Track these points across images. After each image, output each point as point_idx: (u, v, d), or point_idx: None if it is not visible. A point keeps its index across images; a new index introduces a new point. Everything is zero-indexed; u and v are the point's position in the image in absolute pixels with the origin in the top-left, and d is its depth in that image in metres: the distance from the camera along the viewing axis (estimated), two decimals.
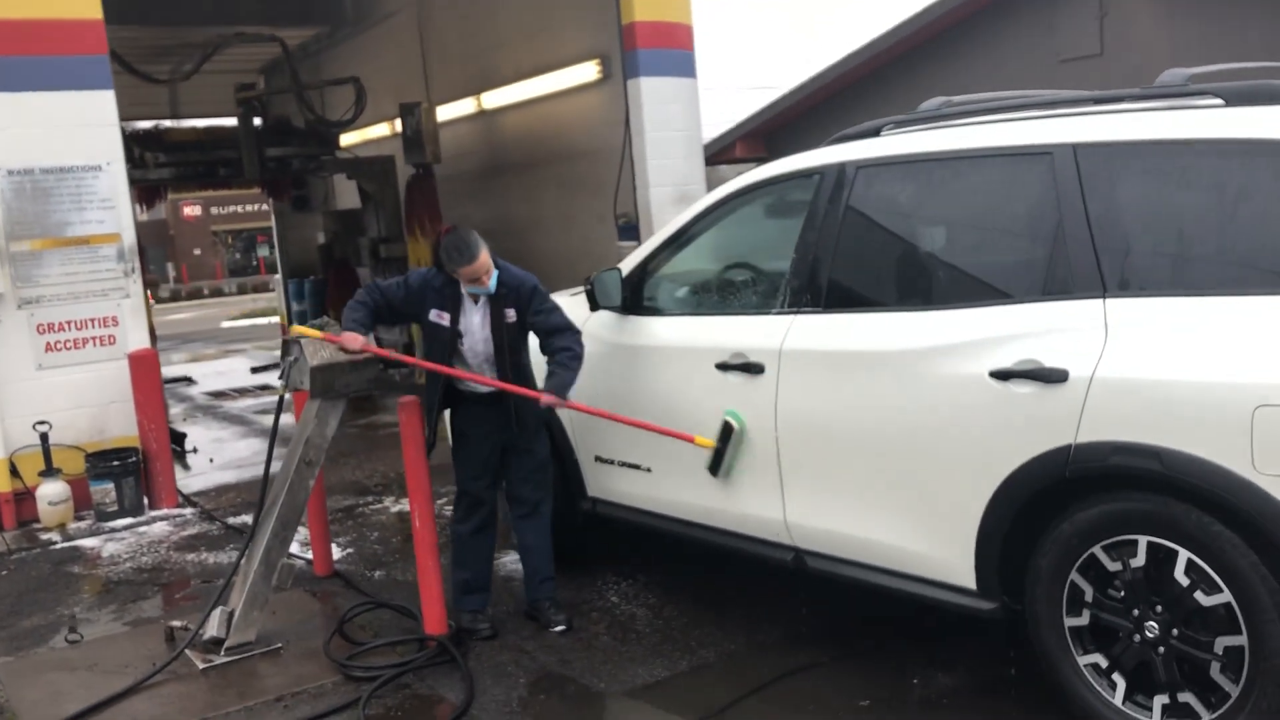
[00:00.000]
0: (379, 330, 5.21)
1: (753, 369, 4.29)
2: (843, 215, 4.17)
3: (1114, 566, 3.36)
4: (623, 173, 9.65)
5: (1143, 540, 3.28)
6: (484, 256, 4.56)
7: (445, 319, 4.66)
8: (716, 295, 4.96)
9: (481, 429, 4.76)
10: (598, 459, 5.12)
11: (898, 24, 14.27)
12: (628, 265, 5.08)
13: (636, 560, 5.60)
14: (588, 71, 10.15)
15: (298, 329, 4.72)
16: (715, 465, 4.45)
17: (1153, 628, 3.28)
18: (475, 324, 4.69)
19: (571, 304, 5.13)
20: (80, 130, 7.14)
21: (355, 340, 4.56)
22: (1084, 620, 3.45)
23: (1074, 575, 3.44)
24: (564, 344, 4.67)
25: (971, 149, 3.81)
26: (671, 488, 4.76)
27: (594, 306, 5.04)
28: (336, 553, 6.08)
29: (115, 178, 7.31)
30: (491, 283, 4.62)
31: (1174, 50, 10.96)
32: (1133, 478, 3.27)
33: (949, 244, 4.03)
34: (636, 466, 4.91)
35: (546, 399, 4.58)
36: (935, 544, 3.78)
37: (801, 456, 4.17)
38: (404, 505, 6.78)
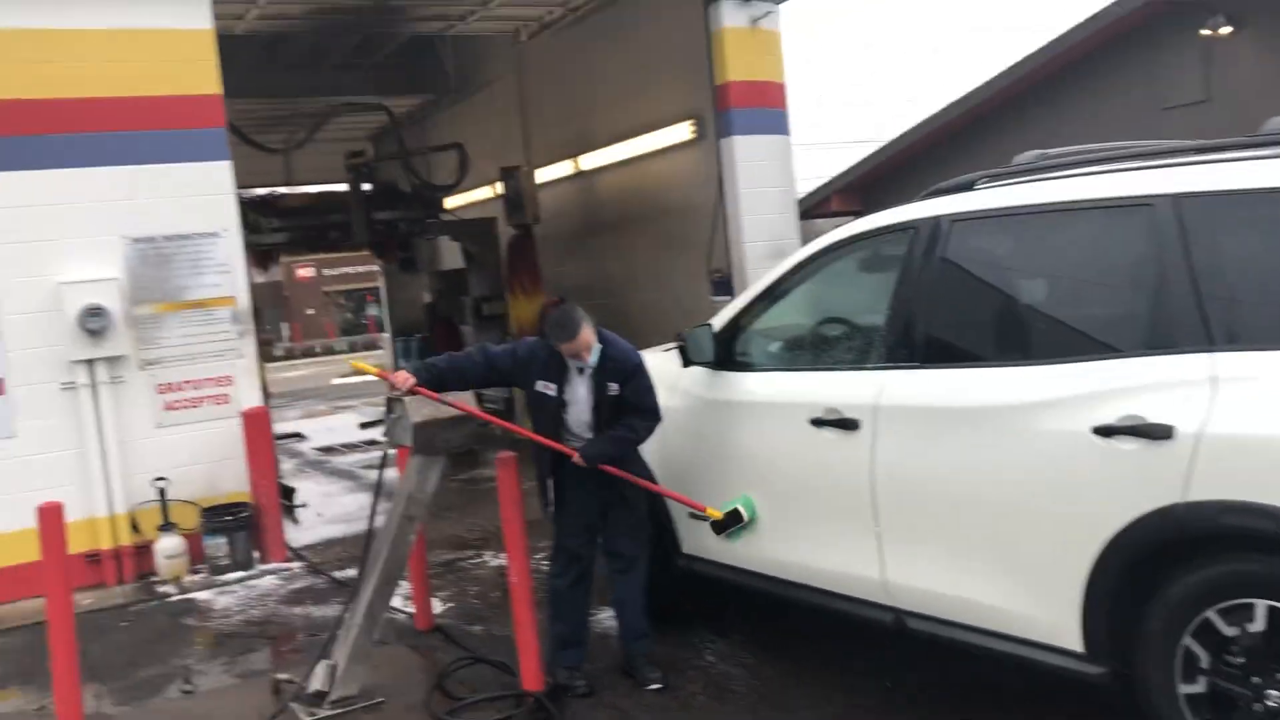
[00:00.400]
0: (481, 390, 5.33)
1: (847, 425, 4.25)
2: (938, 269, 4.14)
3: (1231, 631, 3.22)
4: (716, 229, 9.73)
5: (1261, 605, 3.14)
6: (584, 335, 4.65)
7: (551, 389, 4.76)
8: (810, 350, 4.95)
9: (584, 487, 4.81)
10: (692, 515, 5.12)
11: (996, 74, 14.18)
12: (720, 321, 5.11)
13: (733, 617, 5.55)
14: (682, 132, 10.29)
15: (356, 364, 5.07)
16: (719, 531, 4.74)
17: (1275, 697, 3.13)
18: (580, 395, 4.78)
19: (664, 360, 5.17)
20: (199, 199, 7.50)
21: (404, 379, 4.63)
22: (1200, 688, 3.31)
23: (1187, 640, 3.31)
24: (631, 421, 4.75)
25: (1068, 201, 3.76)
26: (766, 545, 4.72)
27: (686, 362, 5.08)
28: (437, 607, 6.17)
29: (231, 244, 7.64)
30: (592, 358, 4.71)
31: None
32: (1246, 538, 3.14)
33: (1047, 298, 3.97)
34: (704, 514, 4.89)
35: (576, 459, 4.67)
36: (1040, 605, 3.68)
37: (899, 514, 4.11)
38: (503, 560, 6.84)
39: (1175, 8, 11.72)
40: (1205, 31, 11.48)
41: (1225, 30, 11.41)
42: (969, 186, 4.23)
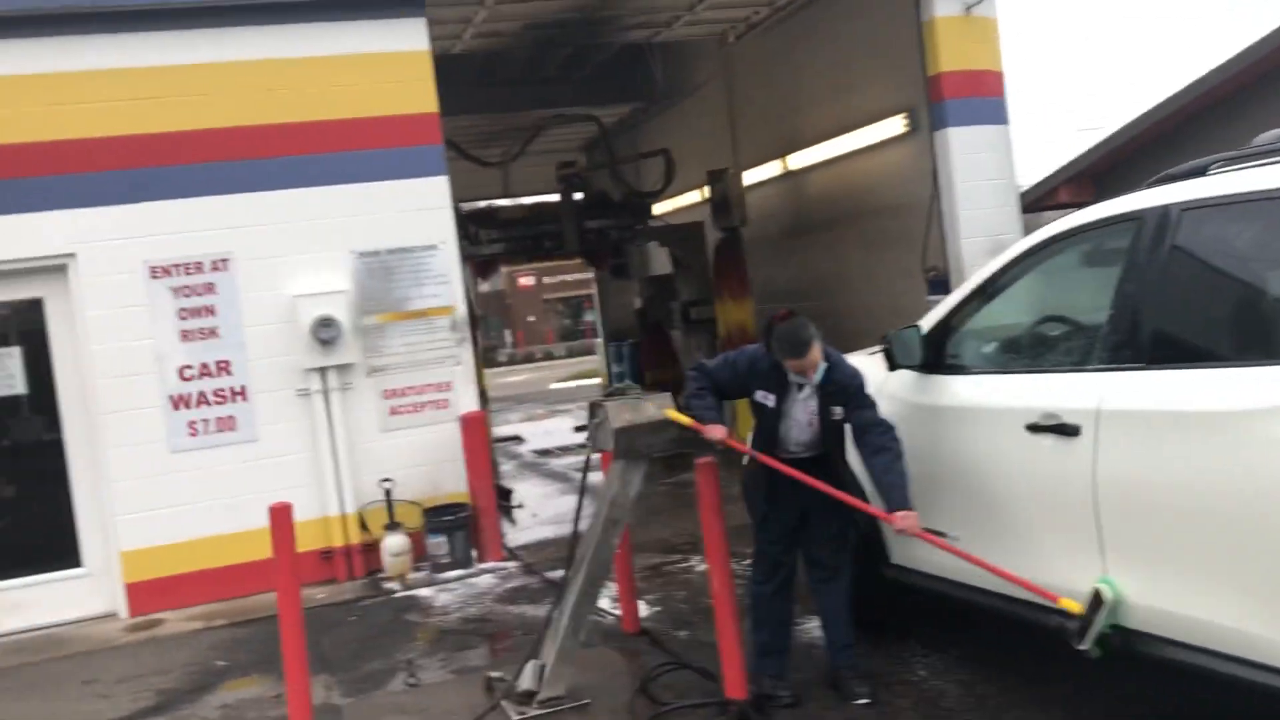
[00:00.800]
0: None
1: (1067, 430, 3.98)
2: (1167, 262, 3.81)
3: None
4: (931, 226, 9.38)
5: None
6: (814, 353, 4.50)
7: (771, 400, 4.67)
8: (1026, 351, 4.68)
9: (788, 494, 4.72)
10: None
11: (1232, 56, 13.07)
12: (928, 322, 4.90)
13: (947, 630, 5.31)
14: (894, 126, 9.99)
15: (671, 413, 4.74)
16: (1082, 635, 3.89)
17: None
18: (799, 414, 4.68)
19: (869, 363, 5.00)
20: (419, 214, 7.86)
21: (719, 431, 4.60)
22: None
23: None
24: (884, 444, 4.51)
25: None
26: (983, 556, 4.48)
27: (892, 366, 4.89)
28: (644, 610, 6.21)
29: (448, 256, 7.97)
30: (817, 376, 4.58)
31: None
32: None
33: None
34: (942, 534, 4.67)
35: (901, 523, 4.32)
36: None
37: (1125, 528, 3.81)
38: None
39: None
40: None
41: None
42: (1202, 171, 3.88)
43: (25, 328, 7.37)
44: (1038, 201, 16.02)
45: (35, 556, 7.35)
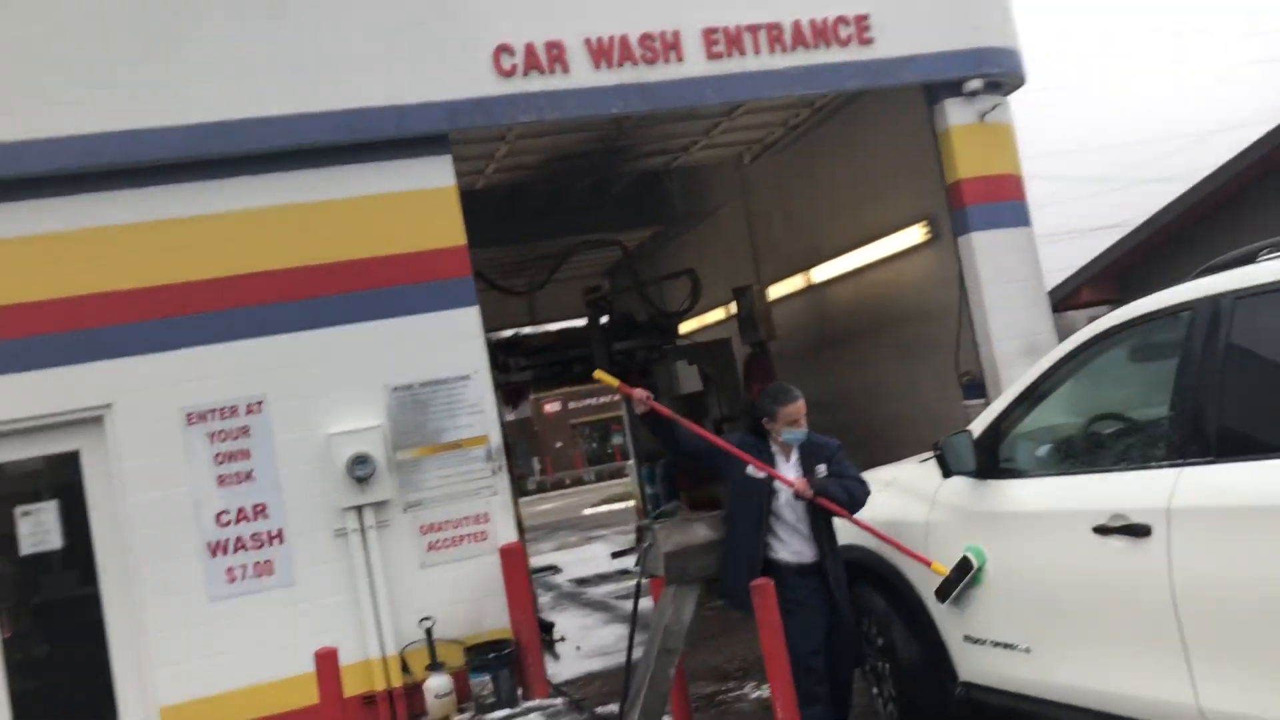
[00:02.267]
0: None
1: (1137, 531, 3.83)
2: (1225, 351, 3.73)
3: None
4: (961, 330, 9.33)
5: None
6: (802, 402, 5.06)
7: (760, 475, 4.95)
8: (1084, 451, 4.55)
9: (812, 599, 4.84)
10: (967, 638, 4.73)
11: (1253, 142, 13.21)
12: (978, 426, 4.79)
13: None
14: (914, 235, 10.04)
15: (600, 374, 6.10)
16: (943, 593, 4.61)
17: None
18: (787, 477, 4.97)
19: (921, 472, 4.89)
20: (451, 345, 7.86)
21: (642, 392, 5.27)
22: None
23: None
24: (855, 483, 5.00)
25: None
26: (1057, 668, 4.28)
27: (946, 473, 4.77)
28: None
29: (482, 385, 7.94)
30: (799, 435, 5.04)
31: None
32: None
33: None
34: (1013, 646, 4.48)
35: (800, 483, 4.85)
36: None
37: (1210, 630, 3.63)
38: (765, 691, 6.58)
39: None
40: None
41: None
42: (1251, 259, 3.82)
43: (59, 480, 7.33)
44: (1063, 301, 16.03)
45: (72, 716, 7.17)
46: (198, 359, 7.37)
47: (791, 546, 4.96)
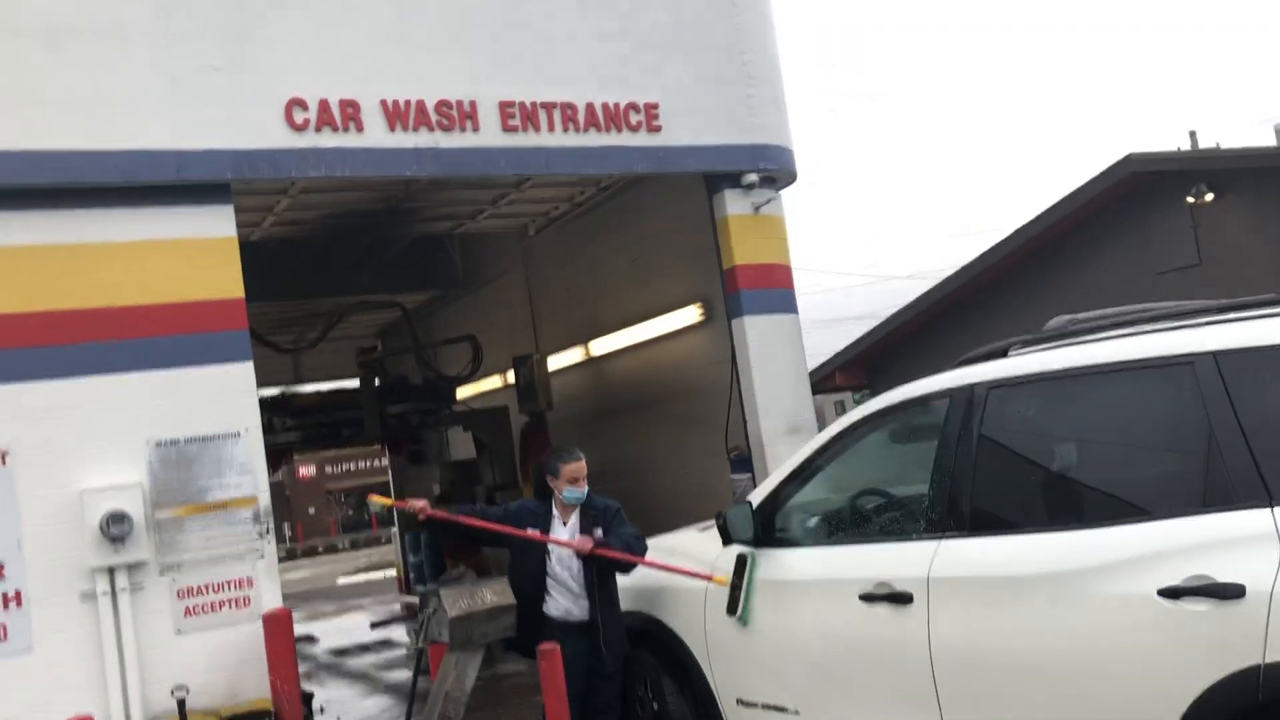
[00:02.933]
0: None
1: (900, 598, 4.17)
2: (978, 436, 4.15)
3: None
4: (731, 408, 9.77)
5: None
6: (584, 462, 5.46)
7: (536, 531, 5.29)
8: (853, 524, 4.90)
9: (570, 656, 5.00)
10: (740, 702, 4.95)
11: (987, 249, 14.60)
12: (757, 497, 5.07)
13: None
14: (690, 314, 10.48)
15: (374, 496, 6.21)
16: (732, 605, 4.80)
17: None
18: (563, 539, 5.30)
19: (702, 540, 5.12)
20: (222, 400, 7.52)
21: (420, 501, 5.48)
22: None
23: None
24: (633, 539, 5.32)
25: (1109, 363, 3.80)
26: None
27: (726, 541, 5.01)
28: None
29: (253, 443, 7.63)
30: (581, 494, 5.38)
31: (1272, 257, 10.96)
32: None
33: (1095, 460, 3.96)
34: (783, 709, 4.72)
35: (581, 542, 5.17)
36: None
37: (962, 689, 3.98)
38: None
39: (1158, 178, 12.18)
40: (1191, 199, 11.89)
41: (1209, 197, 11.83)
42: (1003, 353, 4.28)
43: None
44: (819, 384, 17.04)
45: None
46: None
47: (560, 604, 5.32)
